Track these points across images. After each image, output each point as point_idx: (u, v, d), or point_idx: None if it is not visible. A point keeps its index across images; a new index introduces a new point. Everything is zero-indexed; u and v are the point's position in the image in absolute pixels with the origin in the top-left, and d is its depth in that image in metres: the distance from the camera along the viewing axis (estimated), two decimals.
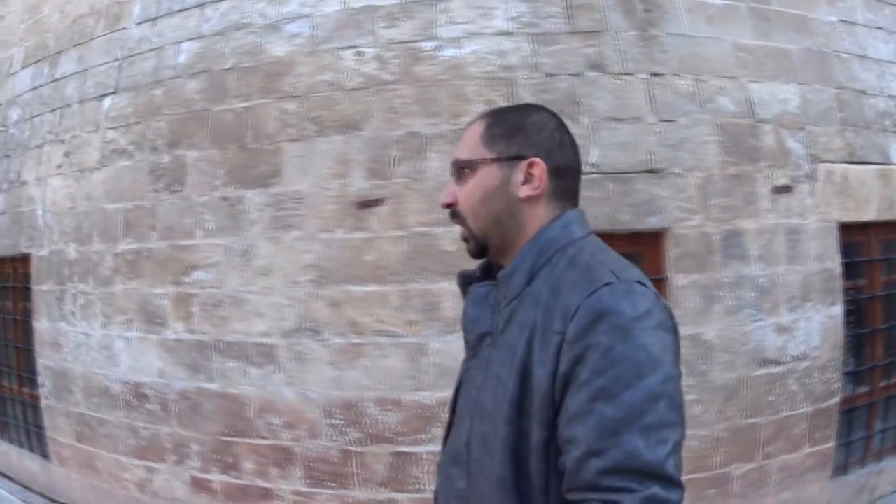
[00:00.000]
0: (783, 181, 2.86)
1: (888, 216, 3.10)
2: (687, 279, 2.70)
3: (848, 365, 2.99)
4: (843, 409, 2.96)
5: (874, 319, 3.11)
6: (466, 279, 0.97)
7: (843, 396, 2.94)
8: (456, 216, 0.94)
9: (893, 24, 3.27)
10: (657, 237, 2.73)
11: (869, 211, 3.05)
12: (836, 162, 2.98)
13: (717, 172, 2.77)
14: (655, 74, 2.76)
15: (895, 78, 3.20)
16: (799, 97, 2.94)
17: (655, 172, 2.71)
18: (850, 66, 3.09)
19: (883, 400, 3.14)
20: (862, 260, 3.08)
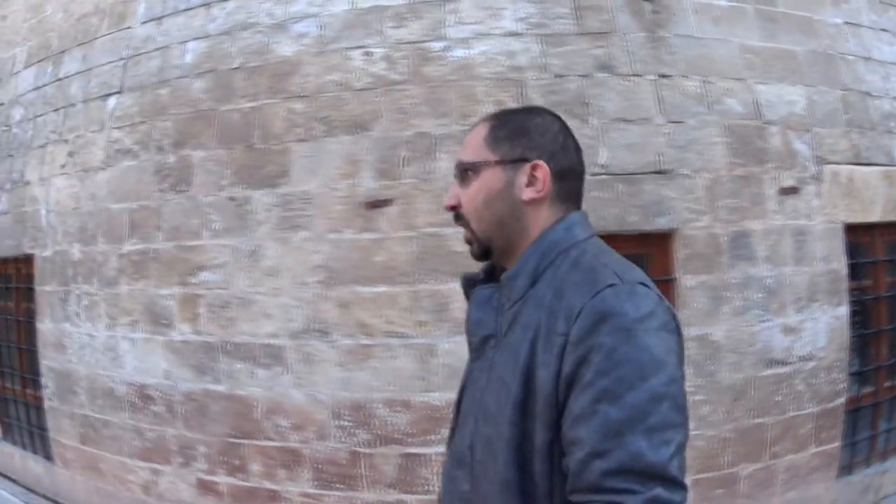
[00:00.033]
0: (790, 182, 2.87)
1: (893, 217, 3.12)
2: (695, 280, 2.71)
3: (853, 365, 3.00)
4: (848, 409, 2.97)
5: (879, 320, 3.13)
6: (470, 282, 0.97)
7: (848, 397, 2.96)
8: (459, 218, 0.94)
9: None
10: (666, 238, 2.73)
11: (874, 212, 3.07)
12: (841, 163, 3.00)
13: (724, 174, 2.77)
14: (663, 76, 2.77)
15: None
16: (805, 99, 2.95)
17: (664, 173, 2.71)
18: (855, 67, 3.10)
19: (888, 400, 3.16)
20: (867, 261, 3.10)
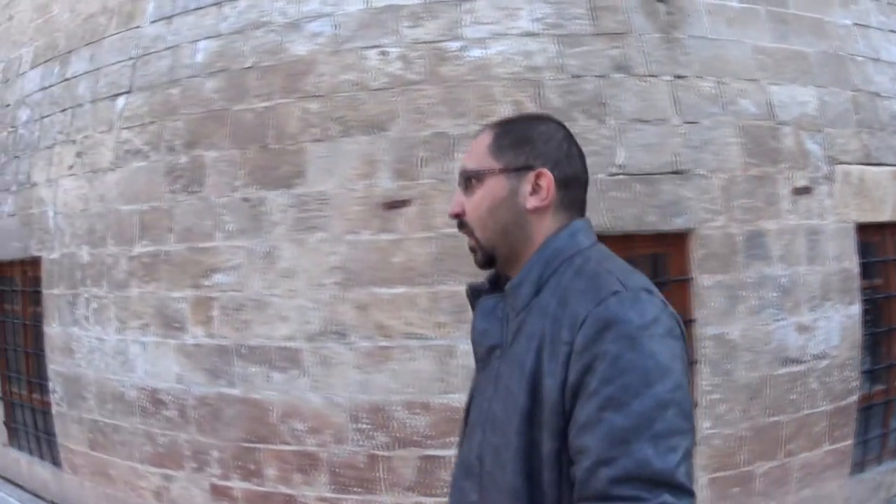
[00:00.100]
0: (803, 182, 2.89)
1: None
2: (712, 279, 2.72)
3: (865, 363, 3.03)
4: (860, 407, 2.99)
5: (890, 318, 3.16)
6: (475, 291, 0.97)
7: (860, 395, 2.98)
8: (463, 226, 0.94)
9: None
10: (683, 238, 2.74)
11: (884, 212, 3.10)
12: (852, 163, 3.02)
13: (739, 174, 2.79)
14: (679, 77, 2.78)
15: None
16: (817, 99, 2.98)
17: (680, 174, 2.72)
18: (864, 68, 3.13)
19: None
20: (878, 260, 3.13)
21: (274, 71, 2.86)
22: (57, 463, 3.50)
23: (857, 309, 2.95)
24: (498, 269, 0.95)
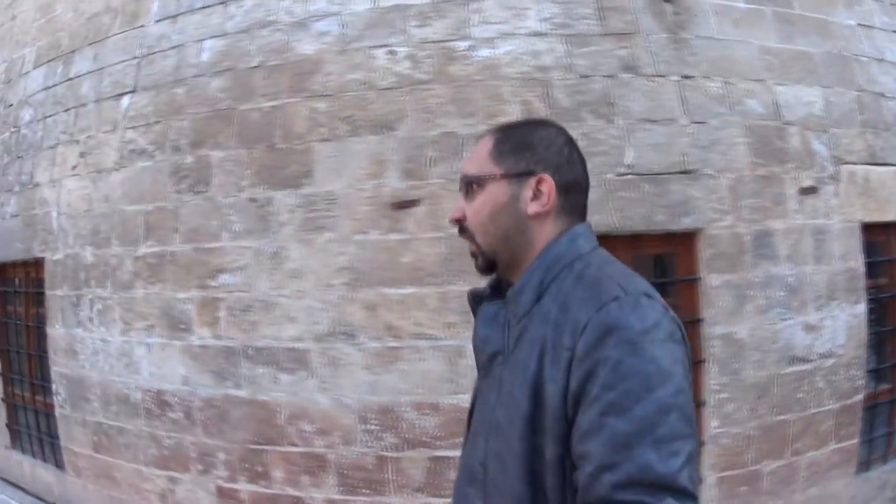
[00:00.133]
0: (809, 182, 2.90)
1: None
2: (720, 279, 2.73)
3: (870, 362, 3.04)
4: (866, 406, 3.01)
5: (895, 317, 3.17)
6: (477, 298, 0.97)
7: (866, 394, 3.00)
8: (464, 232, 0.94)
9: None
10: (691, 237, 2.75)
11: (889, 211, 3.11)
12: (857, 163, 3.04)
13: (747, 174, 2.80)
14: (686, 77, 2.78)
15: None
16: (822, 100, 2.99)
17: (689, 173, 2.73)
18: (869, 69, 3.15)
19: None
20: (883, 259, 3.14)
21: (281, 70, 2.85)
22: (60, 465, 3.47)
23: (862, 308, 2.96)
24: (499, 274, 0.95)
